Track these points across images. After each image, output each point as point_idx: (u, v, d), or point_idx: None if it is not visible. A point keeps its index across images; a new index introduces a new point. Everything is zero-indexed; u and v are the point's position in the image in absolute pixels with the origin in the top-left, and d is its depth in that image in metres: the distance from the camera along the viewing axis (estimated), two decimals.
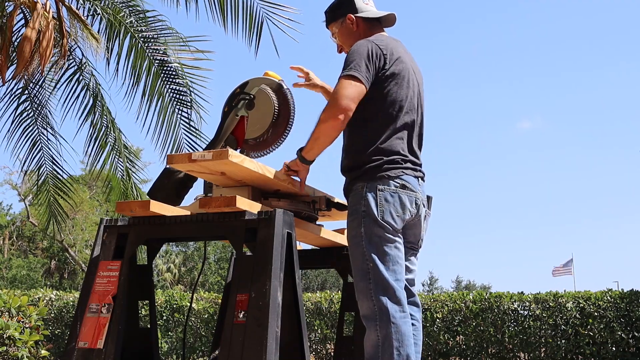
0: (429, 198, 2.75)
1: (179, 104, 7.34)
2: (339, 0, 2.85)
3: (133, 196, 8.06)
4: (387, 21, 2.87)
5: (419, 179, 2.66)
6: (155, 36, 7.22)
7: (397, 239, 2.54)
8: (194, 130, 7.33)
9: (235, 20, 6.85)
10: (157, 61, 7.22)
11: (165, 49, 7.18)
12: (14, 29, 6.50)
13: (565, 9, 64.36)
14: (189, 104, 7.29)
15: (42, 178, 8.14)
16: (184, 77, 7.26)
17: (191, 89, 7.27)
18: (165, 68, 7.27)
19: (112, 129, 7.79)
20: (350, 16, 2.79)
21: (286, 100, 2.93)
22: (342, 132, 2.69)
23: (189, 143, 7.38)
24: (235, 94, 2.91)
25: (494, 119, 59.65)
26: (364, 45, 2.61)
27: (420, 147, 2.74)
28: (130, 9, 7.29)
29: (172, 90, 7.31)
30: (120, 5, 7.23)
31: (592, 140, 57.44)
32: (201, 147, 7.30)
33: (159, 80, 7.23)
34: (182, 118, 7.35)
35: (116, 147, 7.86)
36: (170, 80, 7.30)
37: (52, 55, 6.15)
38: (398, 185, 2.55)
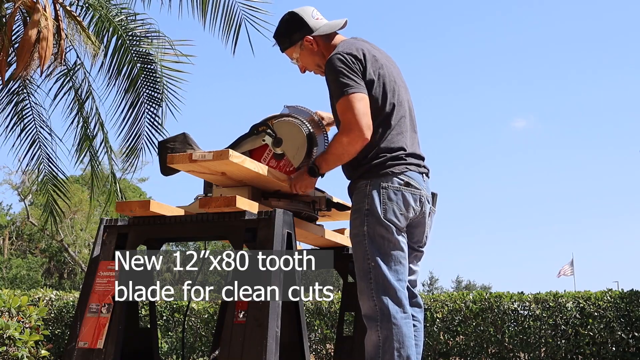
0: (433, 195, 2.74)
1: (150, 100, 7.57)
2: (289, 25, 2.80)
3: (118, 197, 8.20)
4: (341, 26, 2.86)
5: (424, 174, 2.66)
6: (142, 34, 7.40)
7: (400, 238, 2.54)
8: (157, 125, 7.58)
9: (214, 18, 7.08)
10: (140, 59, 7.42)
11: (149, 48, 7.36)
12: (13, 29, 6.51)
13: (560, 9, 64.39)
14: (159, 101, 7.53)
15: (42, 176, 8.19)
16: (162, 75, 7.49)
17: (167, 88, 7.53)
18: (146, 67, 7.47)
19: (101, 129, 7.93)
20: (308, 38, 2.77)
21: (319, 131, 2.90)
22: None
23: (149, 137, 7.63)
24: (268, 124, 2.88)
25: (488, 118, 59.65)
26: (339, 60, 2.59)
27: (418, 138, 2.75)
28: (121, 10, 7.43)
29: (148, 87, 7.53)
30: (112, 6, 7.35)
31: (590, 140, 57.42)
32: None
33: (139, 77, 7.46)
34: (149, 113, 7.60)
35: (106, 147, 8.03)
36: (149, 77, 7.51)
37: (50, 56, 6.16)
38: (402, 182, 2.55)
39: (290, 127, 2.83)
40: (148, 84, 7.50)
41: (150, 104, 7.53)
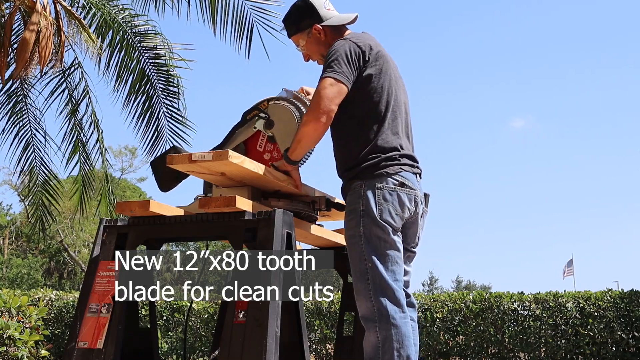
0: (426, 195, 2.74)
1: (164, 93, 7.53)
2: (299, 11, 2.79)
3: (111, 197, 8.20)
4: (350, 21, 2.85)
5: (417, 175, 2.65)
6: (146, 31, 7.39)
7: (396, 238, 2.53)
8: (179, 118, 7.53)
9: (224, 24, 7.01)
10: (146, 54, 7.41)
11: (156, 43, 7.35)
12: (13, 29, 6.50)
13: (558, 9, 64.41)
14: (176, 94, 7.44)
15: (34, 180, 8.15)
16: (174, 68, 7.48)
17: (180, 80, 7.51)
18: (154, 62, 7.46)
19: (97, 130, 7.93)
20: (316, 27, 2.76)
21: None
22: (334, 136, 2.70)
23: (173, 131, 7.58)
24: (259, 107, 2.87)
25: (487, 118, 59.69)
26: (343, 45, 2.59)
27: (412, 141, 2.74)
28: (124, 9, 7.43)
29: (160, 81, 7.50)
30: (114, 5, 7.35)
31: (589, 139, 57.44)
32: (187, 134, 7.57)
33: (147, 72, 7.44)
34: (167, 107, 7.56)
35: (100, 148, 8.03)
36: (159, 72, 7.48)
37: (50, 56, 6.15)
38: (397, 182, 2.54)
39: (284, 112, 2.82)
40: (160, 78, 7.47)
41: (166, 97, 7.51)
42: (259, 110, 2.84)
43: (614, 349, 8.75)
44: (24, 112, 7.92)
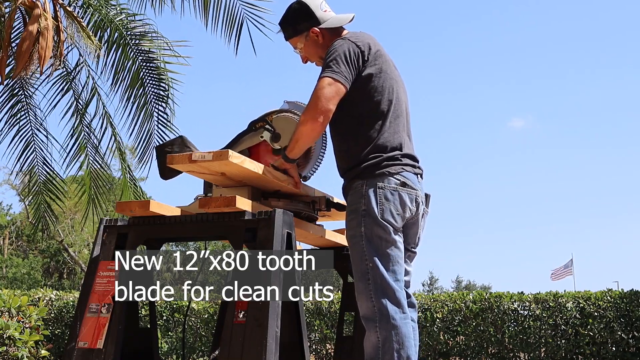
0: (427, 196, 2.74)
1: (156, 98, 7.58)
2: (296, 14, 2.77)
3: (132, 196, 8.19)
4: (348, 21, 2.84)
5: (418, 175, 2.65)
6: (142, 32, 7.43)
7: (397, 238, 2.54)
8: (167, 123, 7.58)
9: (216, 18, 7.10)
10: (140, 57, 7.44)
11: (150, 46, 7.39)
12: (13, 29, 6.50)
13: (558, 8, 64.40)
14: (166, 98, 7.52)
15: (35, 179, 8.14)
16: (166, 71, 7.52)
17: (170, 86, 7.55)
18: (148, 65, 7.50)
19: (110, 126, 7.93)
20: (314, 30, 2.74)
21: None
22: (334, 136, 2.70)
23: (160, 135, 7.60)
24: (266, 119, 2.87)
25: (486, 118, 59.65)
26: (342, 45, 2.58)
27: (412, 145, 2.74)
28: (122, 10, 7.47)
29: (152, 85, 7.55)
30: (112, 6, 7.38)
31: (589, 139, 57.34)
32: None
33: (141, 75, 7.49)
34: (158, 112, 7.60)
35: (116, 145, 8.03)
36: (152, 76, 7.53)
37: (50, 56, 6.15)
38: (398, 182, 2.54)
39: (289, 123, 2.83)
40: (152, 82, 7.52)
41: (158, 102, 7.57)
42: (266, 122, 2.84)
43: (614, 349, 8.76)
44: (23, 112, 7.91)
